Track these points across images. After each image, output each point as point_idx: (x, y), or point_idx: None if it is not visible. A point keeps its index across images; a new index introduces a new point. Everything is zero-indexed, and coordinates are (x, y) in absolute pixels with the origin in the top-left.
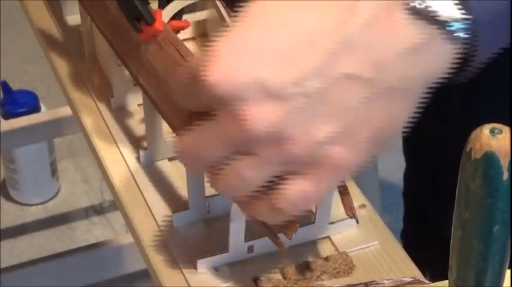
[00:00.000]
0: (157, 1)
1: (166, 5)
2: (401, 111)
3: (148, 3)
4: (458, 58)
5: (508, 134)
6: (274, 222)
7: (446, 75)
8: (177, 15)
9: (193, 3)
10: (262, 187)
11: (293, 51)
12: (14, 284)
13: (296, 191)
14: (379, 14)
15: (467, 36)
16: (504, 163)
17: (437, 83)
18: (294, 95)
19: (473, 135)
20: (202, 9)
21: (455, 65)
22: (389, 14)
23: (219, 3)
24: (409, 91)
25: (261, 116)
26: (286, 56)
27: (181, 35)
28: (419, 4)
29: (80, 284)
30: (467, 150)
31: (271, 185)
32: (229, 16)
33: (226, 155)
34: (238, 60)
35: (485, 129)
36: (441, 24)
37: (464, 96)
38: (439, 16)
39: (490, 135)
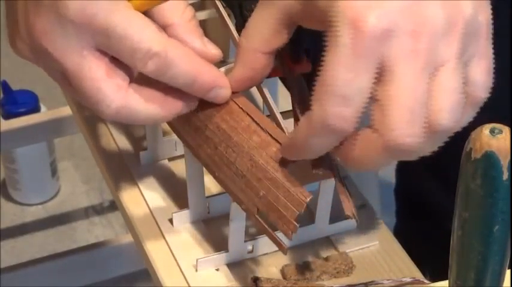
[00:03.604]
0: None
1: None
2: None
3: None
4: None
5: (508, 134)
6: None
7: None
8: None
9: (193, 3)
10: None
11: None
12: (14, 284)
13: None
14: None
15: None
16: (504, 163)
17: None
18: None
19: (473, 135)
20: (202, 9)
21: None
22: None
23: (219, 3)
24: None
25: (372, 12)
26: None
27: None
28: None
29: (80, 284)
30: (467, 150)
31: None
32: (229, 16)
33: (367, 83)
34: None
35: (485, 129)
36: None
37: None
38: None
39: (490, 135)
